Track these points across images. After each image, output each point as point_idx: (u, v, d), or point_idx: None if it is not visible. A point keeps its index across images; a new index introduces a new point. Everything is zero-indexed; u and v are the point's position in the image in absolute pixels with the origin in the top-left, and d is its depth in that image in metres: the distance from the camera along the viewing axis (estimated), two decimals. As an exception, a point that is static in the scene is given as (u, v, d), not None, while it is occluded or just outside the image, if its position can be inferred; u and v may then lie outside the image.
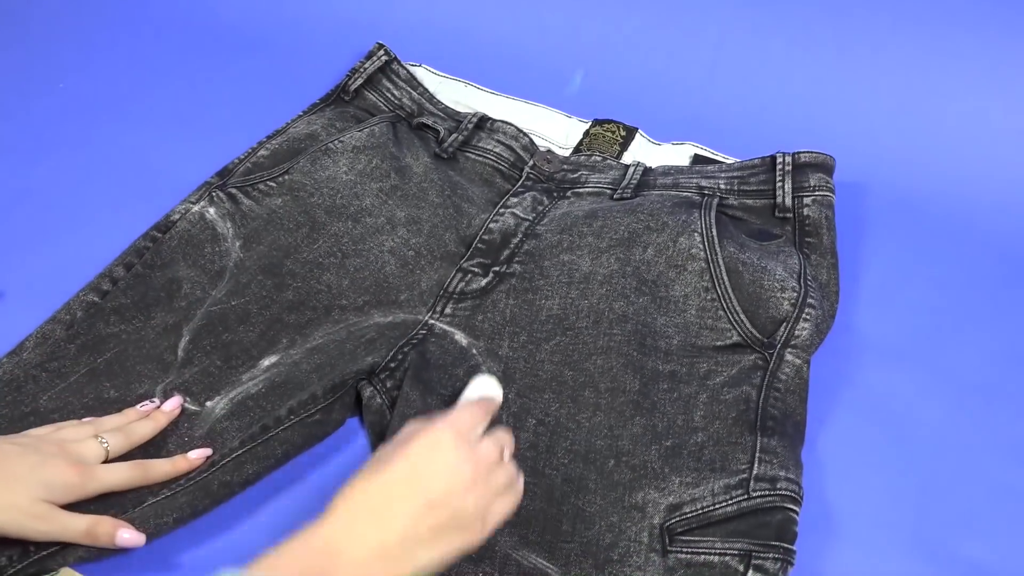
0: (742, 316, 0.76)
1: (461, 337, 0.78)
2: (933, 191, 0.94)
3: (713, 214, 0.81)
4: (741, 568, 0.63)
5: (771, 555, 0.63)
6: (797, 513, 0.66)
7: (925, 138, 0.97)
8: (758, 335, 0.75)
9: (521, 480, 0.63)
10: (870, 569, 0.69)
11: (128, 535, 0.63)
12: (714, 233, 0.79)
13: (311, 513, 0.70)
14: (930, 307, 0.85)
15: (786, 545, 0.64)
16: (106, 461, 0.67)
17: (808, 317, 0.76)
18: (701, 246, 0.78)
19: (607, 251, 0.80)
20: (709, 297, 0.77)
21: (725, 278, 0.77)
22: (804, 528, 0.66)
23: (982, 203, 0.93)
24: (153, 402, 0.72)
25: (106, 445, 0.67)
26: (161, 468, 0.68)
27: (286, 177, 0.86)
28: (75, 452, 0.65)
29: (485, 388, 0.67)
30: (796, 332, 0.75)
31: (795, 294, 0.76)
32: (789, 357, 0.74)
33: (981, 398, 0.79)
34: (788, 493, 0.66)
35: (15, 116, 0.99)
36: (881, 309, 0.85)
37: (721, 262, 0.77)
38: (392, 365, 0.75)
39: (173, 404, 0.72)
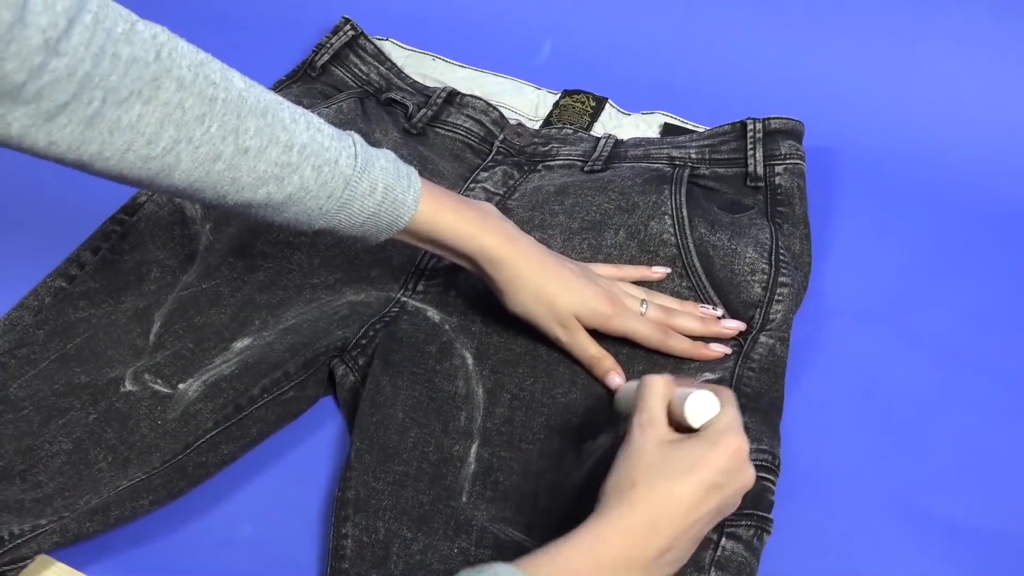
0: (717, 303, 0.76)
1: (434, 313, 0.78)
2: (902, 154, 0.94)
3: (684, 190, 0.81)
4: (715, 537, 0.63)
5: (744, 523, 0.63)
6: (772, 482, 0.66)
7: (893, 101, 0.97)
8: None
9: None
10: (846, 530, 0.69)
11: (618, 380, 0.71)
12: (684, 213, 0.79)
13: (287, 492, 0.71)
14: (900, 270, 0.86)
15: (761, 513, 0.64)
16: None
17: (780, 298, 0.76)
18: (672, 230, 0.78)
19: (579, 233, 0.80)
20: (684, 285, 0.77)
21: (697, 264, 0.77)
22: (778, 493, 0.66)
23: (950, 166, 0.93)
24: (717, 310, 0.75)
25: (644, 309, 0.73)
26: (680, 344, 0.73)
27: (254, 155, 0.85)
28: (618, 293, 0.73)
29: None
30: (770, 316, 0.75)
31: (765, 276, 0.76)
32: (763, 339, 0.74)
33: (953, 359, 0.79)
34: (759, 463, 0.66)
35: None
36: (852, 273, 0.85)
37: (692, 247, 0.77)
38: (363, 342, 0.75)
39: (734, 324, 0.75)
